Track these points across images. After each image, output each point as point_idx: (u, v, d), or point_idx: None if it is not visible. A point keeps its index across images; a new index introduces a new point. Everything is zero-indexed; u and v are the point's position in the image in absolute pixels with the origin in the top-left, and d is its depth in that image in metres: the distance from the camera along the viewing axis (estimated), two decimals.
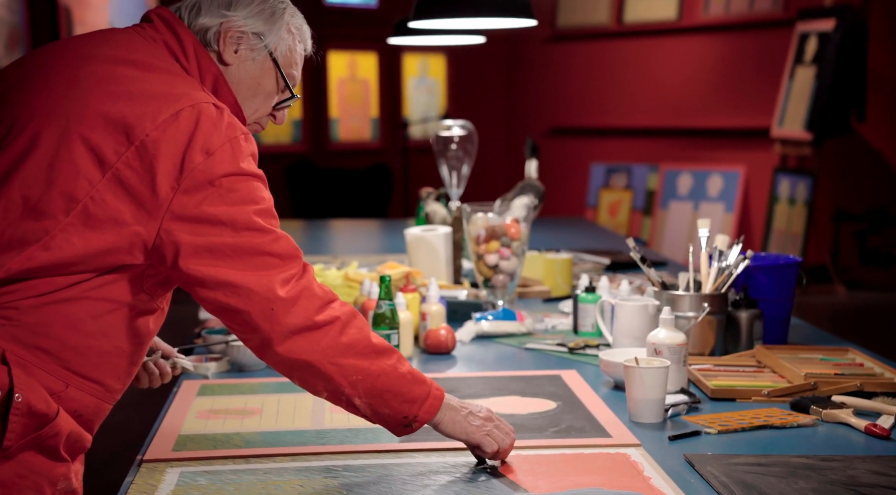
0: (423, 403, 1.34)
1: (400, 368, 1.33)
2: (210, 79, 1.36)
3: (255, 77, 1.40)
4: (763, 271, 1.92)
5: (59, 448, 1.27)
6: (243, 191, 1.27)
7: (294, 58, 1.43)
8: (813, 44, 5.65)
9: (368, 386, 1.31)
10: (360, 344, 1.31)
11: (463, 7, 2.34)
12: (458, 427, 1.35)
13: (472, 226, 2.29)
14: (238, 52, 1.38)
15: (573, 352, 1.97)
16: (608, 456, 1.39)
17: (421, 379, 1.35)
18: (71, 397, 1.28)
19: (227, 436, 1.49)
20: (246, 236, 1.27)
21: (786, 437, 1.46)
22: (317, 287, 1.31)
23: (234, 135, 1.28)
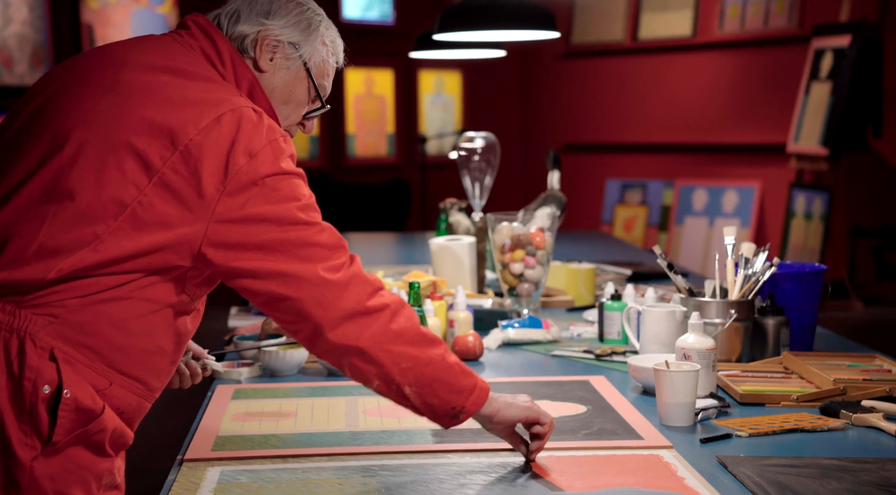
0: (470, 394, 1.36)
1: (448, 358, 1.36)
2: (246, 84, 1.40)
3: (288, 85, 1.44)
4: (789, 279, 1.94)
5: (104, 443, 1.31)
6: (285, 189, 1.31)
7: (326, 69, 1.48)
8: (828, 60, 5.67)
9: (418, 374, 1.33)
10: (409, 332, 1.33)
11: (488, 19, 2.38)
12: (513, 412, 1.39)
13: (497, 235, 2.31)
14: (273, 59, 1.42)
15: (600, 358, 1.98)
16: (641, 458, 1.41)
17: (468, 371, 1.38)
18: (114, 395, 1.31)
19: (265, 437, 1.52)
20: (292, 231, 1.30)
21: (817, 440, 1.47)
22: (366, 274, 1.34)
23: (273, 137, 1.32)
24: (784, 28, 6.26)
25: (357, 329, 1.31)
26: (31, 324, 1.26)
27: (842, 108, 5.40)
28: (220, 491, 1.31)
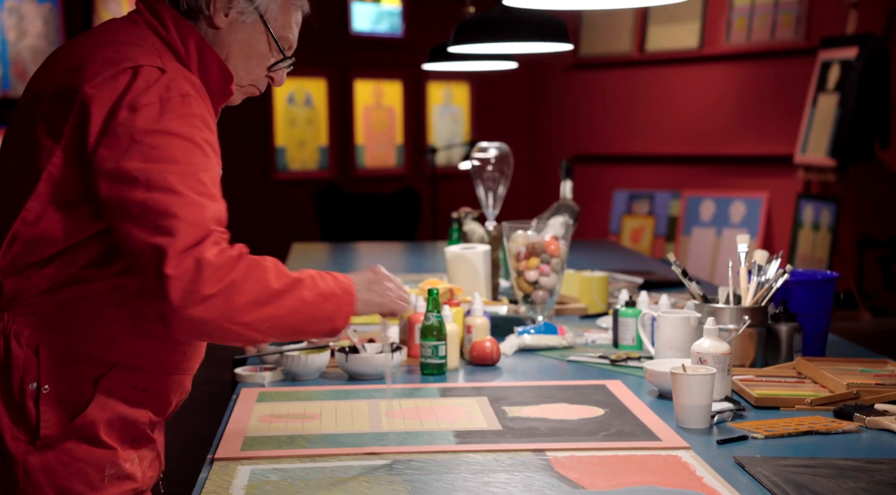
0: (336, 316, 1.37)
1: (306, 296, 1.33)
2: (192, 45, 1.39)
3: (246, 40, 1.43)
4: (801, 286, 1.98)
5: (98, 435, 1.34)
6: (163, 148, 1.27)
7: (286, 20, 1.46)
8: (835, 71, 5.71)
9: (280, 327, 1.32)
10: (261, 295, 1.29)
11: (503, 32, 2.43)
12: (370, 308, 1.43)
13: (512, 243, 2.35)
14: (229, 15, 1.41)
15: (615, 363, 2.02)
16: (660, 458, 1.44)
17: (329, 292, 1.36)
18: (119, 378, 1.35)
19: (291, 438, 1.55)
20: (157, 195, 1.25)
21: (831, 442, 1.50)
22: (213, 254, 1.26)
23: (168, 95, 1.29)
24: (791, 40, 6.31)
25: (199, 315, 1.25)
26: (15, 324, 1.32)
27: (849, 120, 5.44)
28: (251, 489, 1.34)
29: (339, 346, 1.97)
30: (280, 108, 6.82)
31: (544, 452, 1.47)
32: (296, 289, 1.33)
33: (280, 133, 6.83)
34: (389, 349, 1.64)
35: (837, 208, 5.61)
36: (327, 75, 7.00)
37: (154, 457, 1.47)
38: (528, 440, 1.53)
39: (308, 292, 1.34)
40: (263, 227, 6.59)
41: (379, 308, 1.44)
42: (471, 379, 1.95)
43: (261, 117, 6.72)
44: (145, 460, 1.43)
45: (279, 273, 1.32)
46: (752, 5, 6.55)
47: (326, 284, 1.37)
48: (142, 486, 1.43)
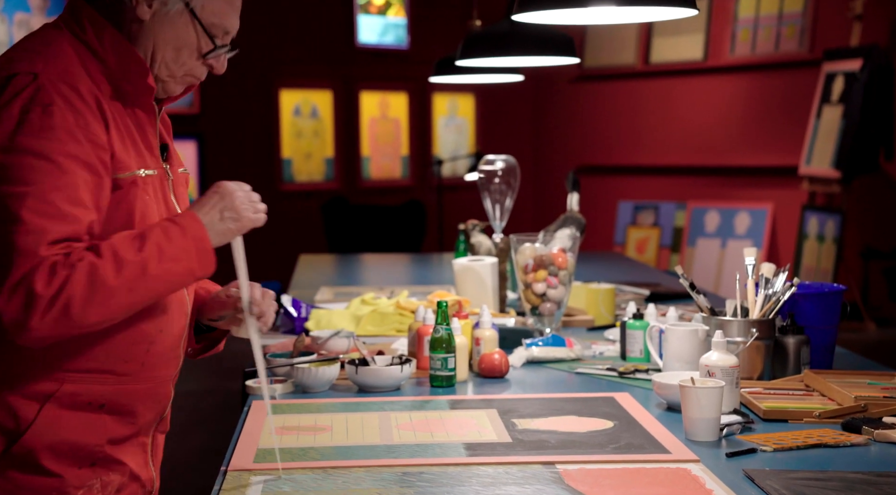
0: (197, 268, 1.35)
1: (154, 271, 1.30)
2: (107, 40, 1.38)
3: (173, 30, 1.40)
4: (808, 299, 1.99)
5: (38, 462, 1.33)
6: (13, 168, 1.26)
7: (216, 6, 1.41)
8: (840, 83, 5.73)
9: (134, 305, 1.32)
10: (101, 296, 1.27)
11: (510, 46, 2.45)
12: (230, 238, 1.41)
13: (520, 255, 2.37)
14: (152, 6, 1.39)
15: (623, 376, 2.03)
16: (670, 471, 1.45)
17: (180, 251, 1.33)
18: (73, 392, 1.34)
19: (303, 450, 1.57)
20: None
21: (840, 455, 1.51)
22: (42, 285, 1.24)
23: (30, 106, 1.28)
24: (795, 52, 6.33)
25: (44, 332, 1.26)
26: None
27: (853, 131, 5.45)
28: None
29: (350, 359, 1.99)
30: (286, 119, 6.85)
31: (555, 465, 1.48)
32: (141, 271, 1.30)
33: (286, 144, 6.85)
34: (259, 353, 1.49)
35: (842, 219, 5.62)
36: (333, 87, 7.04)
37: (127, 480, 1.44)
38: (538, 453, 1.54)
39: (155, 265, 1.31)
40: (271, 238, 6.59)
41: (238, 232, 1.41)
42: (480, 392, 1.96)
43: (267, 129, 6.75)
44: (110, 486, 1.41)
45: (118, 264, 1.29)
46: (757, 17, 6.57)
47: (174, 244, 1.34)
48: None
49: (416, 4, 7.35)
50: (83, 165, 1.30)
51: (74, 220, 1.28)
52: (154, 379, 1.44)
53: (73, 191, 1.28)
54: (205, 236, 1.37)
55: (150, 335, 1.42)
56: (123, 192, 1.37)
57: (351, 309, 2.54)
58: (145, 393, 1.43)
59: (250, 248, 1.50)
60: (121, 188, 1.37)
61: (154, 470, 1.52)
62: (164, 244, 1.33)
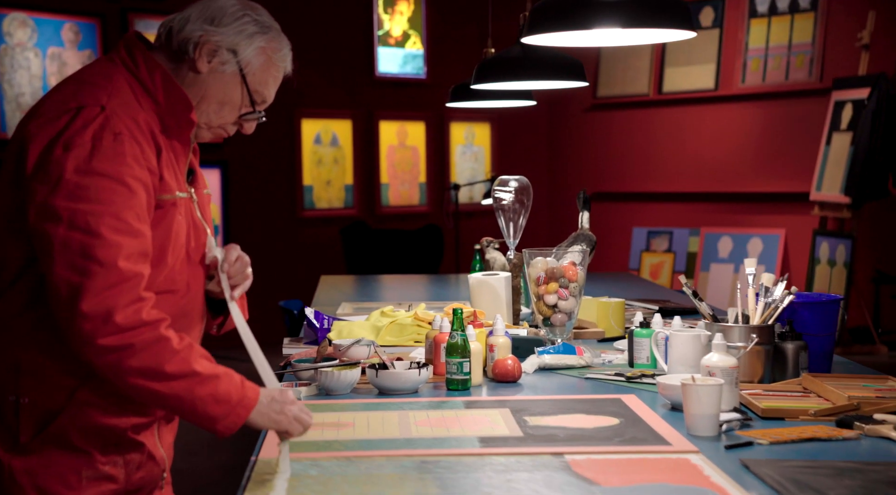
0: (221, 421, 1.46)
1: (197, 391, 1.43)
2: (158, 77, 1.53)
3: (224, 88, 1.56)
4: (807, 307, 2.09)
5: (72, 440, 1.48)
6: (90, 189, 1.39)
7: (264, 77, 1.58)
8: (849, 111, 5.84)
9: (161, 404, 1.47)
10: (151, 370, 1.41)
11: (522, 70, 2.58)
12: (266, 424, 1.51)
13: (532, 268, 2.48)
14: (212, 63, 1.55)
15: (630, 380, 2.13)
16: (671, 461, 1.55)
17: (224, 398, 1.45)
18: (96, 388, 1.48)
19: (328, 443, 1.67)
20: (77, 234, 1.38)
21: (832, 448, 1.61)
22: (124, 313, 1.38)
23: (101, 134, 1.42)
24: (805, 81, 6.45)
25: (99, 357, 1.39)
26: None
27: (862, 158, 5.55)
28: (294, 481, 1.46)
29: (370, 363, 2.09)
30: (307, 148, 7.02)
31: (563, 455, 1.58)
32: (189, 380, 1.43)
33: (307, 172, 7.01)
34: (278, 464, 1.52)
35: (853, 244, 5.70)
36: (353, 116, 7.21)
37: (145, 459, 1.59)
38: (547, 444, 1.64)
39: (201, 388, 1.44)
40: (292, 263, 6.74)
41: (275, 425, 1.51)
42: (494, 394, 2.06)
43: (289, 157, 6.91)
44: (132, 463, 1.57)
45: (183, 360, 1.43)
46: (767, 47, 6.71)
47: (226, 389, 1.46)
48: (125, 487, 1.57)
49: (433, 36, 7.53)
50: (144, 188, 1.46)
51: (142, 235, 1.44)
52: None
53: (140, 210, 1.44)
54: (250, 405, 1.48)
55: None
56: (164, 212, 1.52)
57: (371, 320, 2.65)
58: None
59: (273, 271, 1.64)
60: (162, 208, 1.52)
61: (164, 450, 1.66)
62: (223, 381, 1.46)
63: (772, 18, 6.68)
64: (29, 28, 5.55)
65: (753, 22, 6.79)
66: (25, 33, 5.54)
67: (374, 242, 6.64)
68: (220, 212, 6.47)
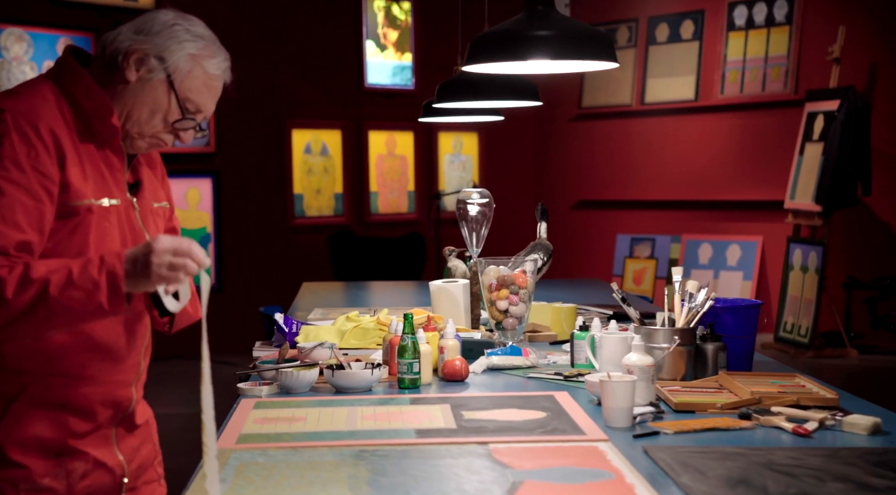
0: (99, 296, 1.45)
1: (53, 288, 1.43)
2: (81, 84, 1.60)
3: (152, 96, 1.60)
4: (728, 312, 2.27)
5: (6, 454, 1.50)
6: None
7: (194, 83, 1.62)
8: (820, 122, 6.02)
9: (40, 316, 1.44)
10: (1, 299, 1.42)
11: (477, 91, 2.76)
12: (139, 289, 1.49)
13: (485, 276, 2.66)
14: (139, 71, 1.60)
15: (567, 379, 2.31)
16: (581, 448, 1.73)
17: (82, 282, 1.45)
18: (35, 393, 1.53)
19: (279, 435, 1.86)
20: None
21: (728, 437, 1.79)
22: None
23: None
24: (780, 93, 6.63)
25: None
26: None
27: (832, 168, 5.73)
28: (241, 468, 1.64)
29: (328, 364, 2.28)
30: (297, 157, 7.21)
31: (487, 444, 1.77)
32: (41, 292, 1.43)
33: (297, 181, 7.21)
34: None
35: (824, 251, 5.87)
36: (342, 126, 7.41)
37: (91, 468, 1.61)
38: (476, 435, 1.82)
39: (58, 290, 1.44)
40: (283, 270, 6.93)
41: (146, 285, 1.48)
42: (441, 392, 2.24)
43: (279, 166, 7.11)
44: (75, 472, 1.58)
45: (22, 281, 1.43)
46: (744, 59, 6.89)
47: (85, 275, 1.45)
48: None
49: (421, 47, 7.73)
50: (24, 192, 1.48)
51: (3, 236, 1.46)
52: (112, 383, 1.63)
53: (8, 212, 1.47)
54: (119, 275, 1.46)
55: (106, 344, 1.60)
56: (80, 219, 1.56)
57: (336, 325, 2.84)
58: (103, 395, 1.62)
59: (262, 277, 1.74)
60: (76, 214, 1.56)
61: (122, 456, 1.69)
62: (76, 273, 1.46)
63: (749, 32, 6.87)
64: (25, 42, 5.76)
65: (731, 35, 6.98)
66: (21, 47, 5.74)
67: (360, 250, 6.84)
68: (212, 220, 6.67)
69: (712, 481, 1.51)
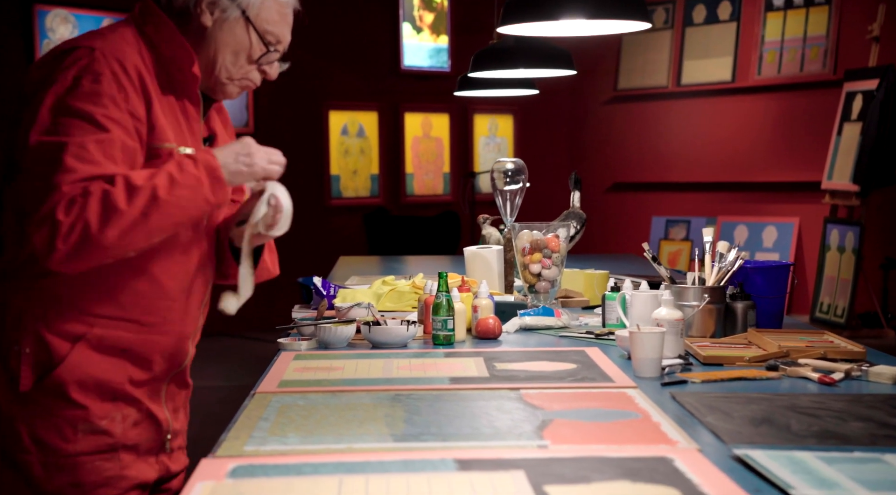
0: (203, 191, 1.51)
1: (161, 190, 1.47)
2: (164, 31, 1.59)
3: (231, 36, 1.59)
4: (758, 272, 2.30)
5: (67, 393, 1.52)
6: (61, 126, 1.46)
7: (269, 15, 1.61)
8: (859, 102, 5.98)
9: (148, 230, 1.48)
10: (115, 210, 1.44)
11: (511, 59, 2.81)
12: (240, 180, 1.57)
13: (519, 240, 2.71)
14: (213, 14, 1.59)
15: (598, 337, 2.36)
16: (610, 393, 1.78)
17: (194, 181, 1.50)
18: (100, 340, 1.54)
19: (318, 381, 1.93)
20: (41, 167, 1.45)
21: (754, 385, 1.83)
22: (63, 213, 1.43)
23: (82, 74, 1.48)
24: (818, 73, 6.59)
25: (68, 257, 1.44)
26: (7, 292, 1.52)
27: (870, 147, 5.69)
28: (283, 409, 1.71)
29: (364, 321, 2.35)
30: (334, 138, 7.30)
31: (519, 389, 1.82)
32: (152, 196, 1.46)
33: (334, 162, 7.30)
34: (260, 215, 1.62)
35: (861, 231, 5.84)
36: (379, 108, 7.48)
37: (142, 417, 1.63)
38: (508, 382, 1.88)
39: (166, 192, 1.47)
40: (319, 250, 7.03)
41: (249, 177, 1.56)
42: (474, 348, 2.30)
43: (316, 147, 7.20)
44: (128, 419, 1.60)
45: (129, 190, 1.45)
46: (782, 40, 6.85)
47: (185, 173, 1.50)
48: (121, 442, 1.60)
49: (458, 30, 7.77)
50: (121, 129, 1.50)
51: (105, 169, 1.47)
52: (173, 333, 1.66)
53: (108, 146, 1.48)
54: (217, 167, 1.53)
55: (174, 293, 1.63)
56: (161, 161, 1.55)
57: (373, 288, 2.90)
58: (163, 346, 1.65)
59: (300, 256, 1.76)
60: (159, 157, 1.56)
61: (169, 413, 1.71)
62: (176, 173, 1.50)
63: (787, 12, 6.82)
64: (70, 24, 5.90)
65: (769, 15, 6.93)
66: (67, 29, 5.88)
67: (395, 227, 6.92)
68: None
69: (737, 420, 1.55)
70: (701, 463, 1.34)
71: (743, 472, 1.30)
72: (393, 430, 1.55)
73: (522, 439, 1.49)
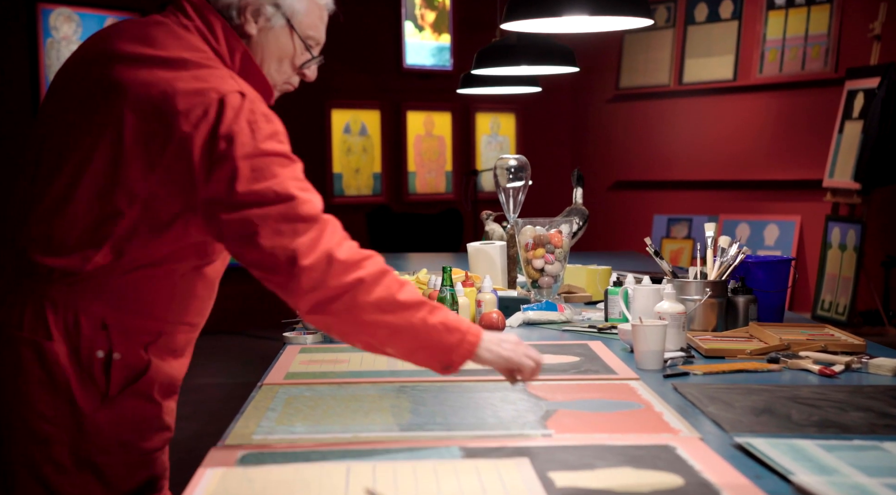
0: (456, 350, 1.45)
1: (429, 319, 1.42)
2: (238, 56, 1.52)
3: (277, 44, 1.55)
4: (759, 266, 2.32)
5: (152, 393, 1.54)
6: (265, 168, 1.40)
7: (311, 20, 1.57)
8: (860, 100, 6.00)
9: (396, 339, 1.43)
10: (385, 301, 1.40)
11: (514, 56, 2.83)
12: (495, 355, 1.49)
13: (522, 235, 2.73)
14: (258, 22, 1.53)
15: (601, 331, 2.38)
16: (613, 385, 1.80)
17: (454, 326, 1.44)
18: (164, 343, 1.55)
19: (323, 374, 1.95)
20: (272, 208, 1.39)
21: (755, 377, 1.85)
22: (344, 252, 1.39)
23: (254, 117, 1.41)
24: (820, 71, 6.60)
25: (331, 303, 1.39)
26: (82, 299, 1.46)
27: (871, 145, 5.71)
28: (290, 401, 1.74)
29: None
30: (337, 137, 7.32)
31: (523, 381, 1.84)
32: (421, 309, 1.41)
33: (337, 161, 7.32)
34: None
35: (862, 229, 5.86)
36: (381, 106, 7.50)
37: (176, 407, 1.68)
38: None
39: (432, 316, 1.42)
40: None
41: (506, 362, 1.48)
42: None
43: (319, 146, 7.22)
44: (175, 411, 1.63)
45: (411, 290, 1.43)
46: (784, 39, 6.87)
47: (454, 317, 1.45)
48: (172, 434, 1.63)
49: (460, 28, 7.79)
50: (297, 158, 1.49)
51: (316, 192, 1.46)
52: (198, 329, 1.68)
53: (303, 174, 1.48)
54: (479, 334, 1.47)
55: (215, 292, 1.64)
56: None
57: None
58: (191, 342, 1.66)
59: None
60: None
61: None
62: (446, 310, 1.46)
63: (789, 10, 6.84)
64: (74, 23, 5.92)
65: (771, 14, 6.95)
66: (70, 27, 5.91)
67: (398, 225, 6.94)
68: None
69: (738, 411, 1.57)
70: (702, 451, 1.36)
71: (744, 459, 1.33)
72: (399, 420, 1.57)
73: (527, 428, 1.52)
